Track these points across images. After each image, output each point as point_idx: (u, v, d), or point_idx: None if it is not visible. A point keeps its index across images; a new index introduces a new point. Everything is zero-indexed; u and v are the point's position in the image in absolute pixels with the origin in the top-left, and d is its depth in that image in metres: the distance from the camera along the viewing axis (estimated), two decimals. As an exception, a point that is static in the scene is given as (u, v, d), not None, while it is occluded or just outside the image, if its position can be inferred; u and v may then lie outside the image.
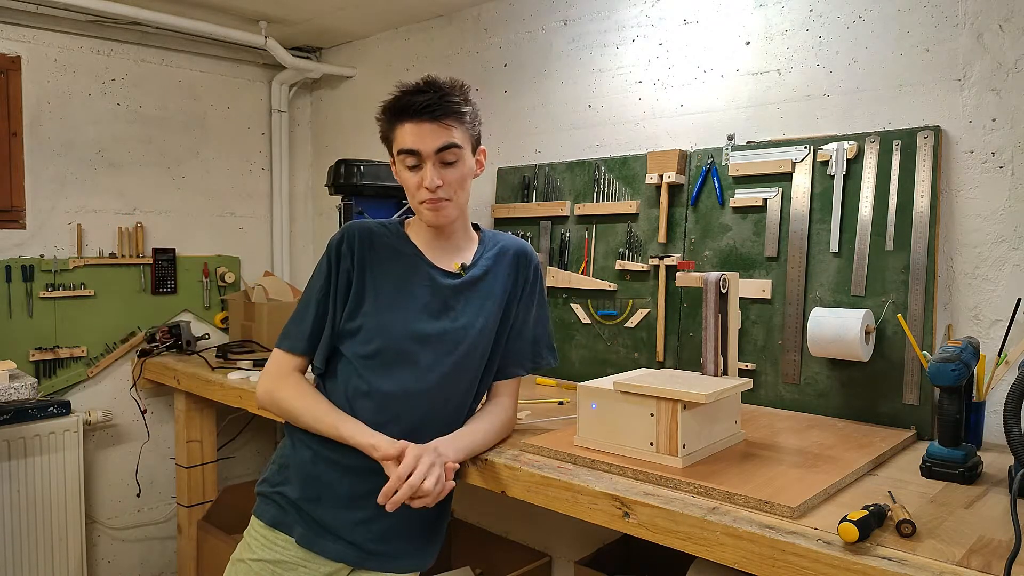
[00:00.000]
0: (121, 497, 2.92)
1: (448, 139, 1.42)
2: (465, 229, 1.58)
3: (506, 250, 1.58)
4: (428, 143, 1.41)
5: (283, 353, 1.52)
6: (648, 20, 2.24)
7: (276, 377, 1.51)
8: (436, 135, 1.41)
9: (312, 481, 1.47)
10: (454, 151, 1.43)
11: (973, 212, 1.67)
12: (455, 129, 1.43)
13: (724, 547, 1.14)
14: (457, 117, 1.43)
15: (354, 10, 2.81)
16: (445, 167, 1.43)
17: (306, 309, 1.51)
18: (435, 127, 1.41)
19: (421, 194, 1.44)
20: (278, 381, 1.51)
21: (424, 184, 1.42)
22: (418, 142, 1.41)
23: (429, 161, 1.42)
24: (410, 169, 1.44)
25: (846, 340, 1.67)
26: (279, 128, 3.32)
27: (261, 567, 1.46)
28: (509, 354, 1.58)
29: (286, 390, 1.49)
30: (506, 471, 1.45)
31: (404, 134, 1.42)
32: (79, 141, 2.77)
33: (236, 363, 2.58)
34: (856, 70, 1.84)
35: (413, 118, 1.41)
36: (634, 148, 2.26)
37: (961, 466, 1.32)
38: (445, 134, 1.41)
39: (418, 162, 1.43)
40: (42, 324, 2.69)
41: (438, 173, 1.42)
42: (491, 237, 1.60)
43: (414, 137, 1.41)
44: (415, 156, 1.42)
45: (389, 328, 1.46)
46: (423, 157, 1.42)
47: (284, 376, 1.51)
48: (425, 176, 1.42)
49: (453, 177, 1.44)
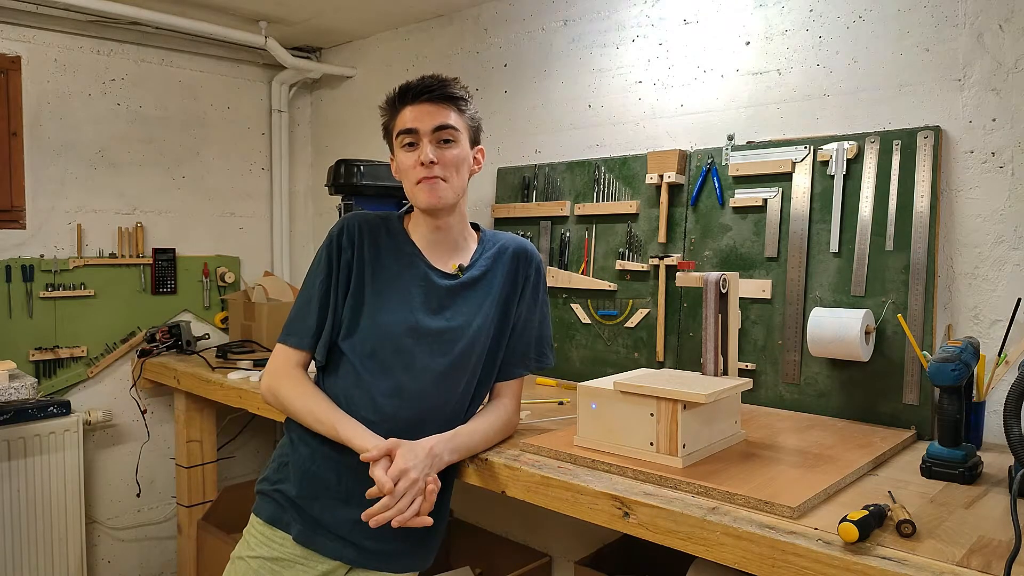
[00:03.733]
0: (121, 497, 2.92)
1: (445, 120, 1.45)
2: (464, 228, 1.57)
3: (505, 249, 1.58)
4: (426, 122, 1.44)
5: (286, 348, 1.51)
6: (648, 20, 2.24)
7: (279, 373, 1.50)
8: (434, 115, 1.44)
9: (310, 479, 1.46)
10: (451, 131, 1.46)
11: (973, 212, 1.67)
12: (453, 113, 1.47)
13: (724, 547, 1.14)
14: (455, 103, 1.47)
15: (354, 10, 2.81)
16: (442, 147, 1.45)
17: (308, 303, 1.51)
18: (433, 108, 1.45)
19: (417, 172, 1.45)
20: (281, 378, 1.50)
21: (420, 159, 1.43)
22: (415, 120, 1.44)
23: (426, 139, 1.44)
24: (407, 149, 1.46)
25: (846, 340, 1.67)
26: (279, 128, 3.32)
27: (260, 564, 1.46)
28: (511, 354, 1.58)
29: (288, 388, 1.49)
30: (506, 471, 1.45)
31: (403, 116, 1.46)
32: (79, 141, 2.77)
33: (236, 363, 2.58)
34: (856, 70, 1.84)
35: (413, 100, 1.45)
36: (634, 148, 2.26)
37: (961, 466, 1.32)
38: (443, 115, 1.45)
39: (415, 140, 1.45)
40: (42, 324, 2.69)
41: (434, 151, 1.44)
42: (491, 237, 1.60)
43: (412, 116, 1.45)
44: (412, 134, 1.44)
45: (386, 327, 1.46)
46: (420, 135, 1.44)
47: (287, 372, 1.50)
48: (422, 152, 1.44)
49: (449, 157, 1.45)
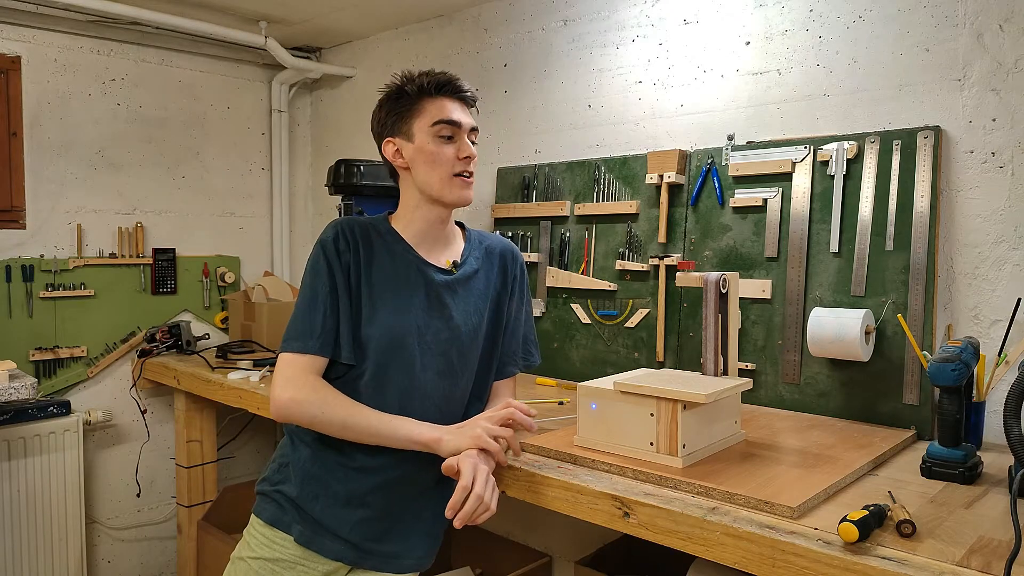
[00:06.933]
0: (121, 497, 2.92)
1: (475, 122, 1.52)
2: (452, 224, 1.58)
3: (493, 249, 1.60)
4: (466, 118, 1.49)
5: (296, 356, 1.40)
6: (648, 20, 2.24)
7: (298, 384, 1.39)
8: (468, 114, 1.50)
9: (311, 480, 1.46)
10: (477, 134, 1.52)
11: (973, 212, 1.67)
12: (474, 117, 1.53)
13: (724, 547, 1.14)
14: (475, 108, 1.54)
15: (354, 10, 2.81)
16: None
17: (312, 308, 1.42)
18: (466, 107, 1.51)
19: (457, 165, 1.46)
20: (303, 389, 1.38)
21: (463, 153, 1.46)
22: (460, 114, 1.47)
23: (465, 135, 1.47)
24: (444, 141, 1.46)
25: (846, 340, 1.67)
26: (279, 128, 3.32)
27: (260, 565, 1.46)
28: (505, 353, 1.60)
29: (320, 399, 1.38)
30: (506, 471, 1.45)
31: (443, 106, 1.46)
32: (79, 141, 2.77)
33: (236, 363, 2.58)
34: (856, 70, 1.84)
35: (451, 94, 1.48)
36: (634, 148, 2.26)
37: (961, 466, 1.32)
38: (472, 116, 1.51)
39: (455, 134, 1.47)
40: (42, 324, 2.69)
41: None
42: (476, 235, 1.62)
43: (455, 109, 1.47)
44: (455, 127, 1.46)
45: (388, 327, 1.46)
46: (461, 130, 1.47)
47: (308, 382, 1.39)
48: (464, 146, 1.46)
49: (476, 158, 1.51)
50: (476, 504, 1.28)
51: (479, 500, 1.28)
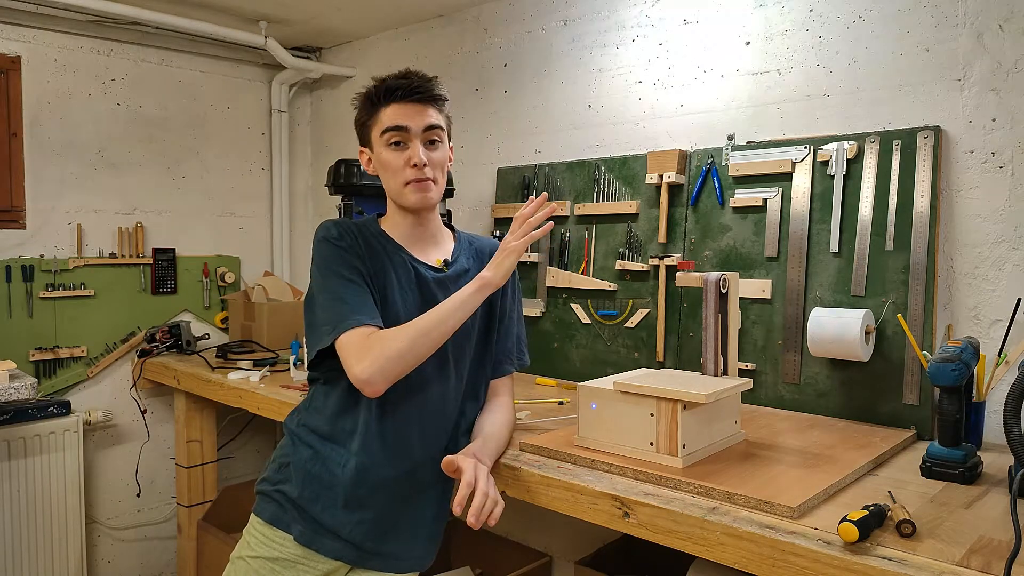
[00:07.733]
0: (121, 497, 2.92)
1: (433, 120, 1.45)
2: (439, 222, 1.58)
3: (483, 248, 1.60)
4: (416, 121, 1.44)
5: (349, 333, 1.35)
6: (648, 20, 2.24)
7: (364, 349, 1.33)
8: (422, 115, 1.44)
9: (312, 479, 1.46)
10: (438, 132, 1.47)
11: (973, 212, 1.67)
12: (437, 113, 1.47)
13: (724, 547, 1.14)
14: (438, 103, 1.48)
15: (354, 10, 2.81)
16: (429, 148, 1.46)
17: (345, 288, 1.39)
18: (420, 108, 1.44)
19: (407, 173, 1.44)
20: (372, 349, 1.33)
21: (412, 161, 1.43)
22: (406, 119, 1.43)
23: (416, 139, 1.44)
24: (394, 148, 1.44)
25: (846, 340, 1.67)
26: (279, 128, 3.32)
27: (260, 564, 1.46)
28: (501, 352, 1.60)
29: (388, 343, 1.33)
30: (506, 471, 1.45)
31: (390, 113, 1.44)
32: (79, 141, 2.77)
33: (236, 363, 2.58)
34: (856, 70, 1.84)
35: (400, 99, 1.44)
36: (634, 148, 2.26)
37: (961, 466, 1.32)
38: (429, 115, 1.45)
39: (403, 139, 1.44)
40: (42, 324, 2.69)
41: (424, 152, 1.44)
42: (466, 237, 1.62)
43: (402, 113, 1.43)
44: (402, 132, 1.43)
45: (389, 324, 1.45)
46: (410, 135, 1.43)
47: (367, 343, 1.34)
48: (413, 153, 1.43)
49: (437, 158, 1.46)
50: (483, 500, 1.28)
51: (486, 496, 1.28)
